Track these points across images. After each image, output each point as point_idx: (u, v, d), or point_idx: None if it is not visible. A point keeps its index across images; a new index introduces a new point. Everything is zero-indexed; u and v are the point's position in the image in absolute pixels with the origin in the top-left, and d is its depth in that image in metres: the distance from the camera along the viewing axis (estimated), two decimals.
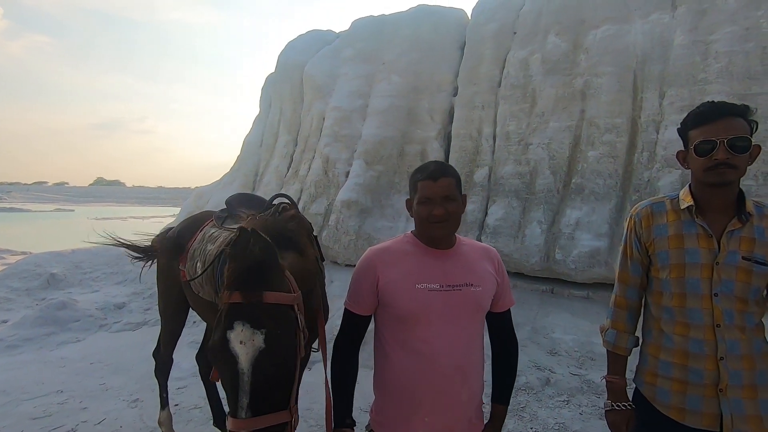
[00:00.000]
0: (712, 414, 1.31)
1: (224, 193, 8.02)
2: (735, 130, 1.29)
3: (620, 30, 5.35)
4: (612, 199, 4.99)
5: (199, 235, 2.61)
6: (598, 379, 4.03)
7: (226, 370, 1.22)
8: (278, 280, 1.32)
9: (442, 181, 1.36)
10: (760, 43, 4.51)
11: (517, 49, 6.12)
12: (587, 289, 5.04)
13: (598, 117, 5.26)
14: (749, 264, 1.31)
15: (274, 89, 8.40)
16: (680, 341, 1.37)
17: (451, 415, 1.35)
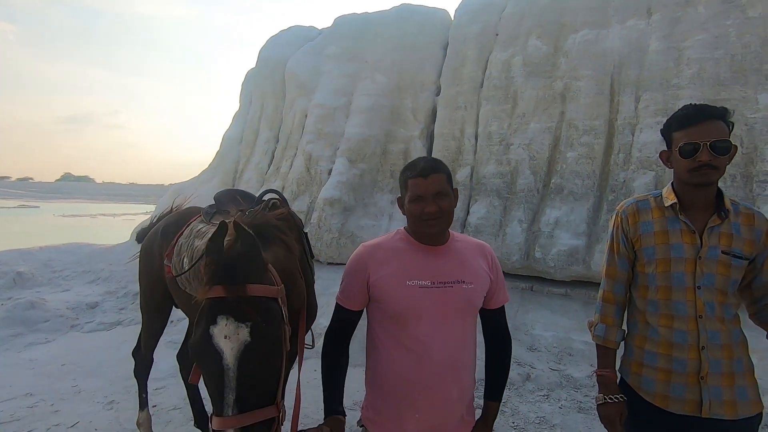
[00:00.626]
0: (694, 400, 1.38)
1: (203, 190, 7.84)
2: (717, 132, 1.36)
3: (599, 35, 5.50)
4: (590, 199, 5.13)
5: (186, 230, 2.55)
6: (576, 374, 4.14)
7: (210, 368, 1.16)
8: (260, 273, 1.28)
9: (432, 177, 1.35)
10: (728, 51, 4.73)
11: (500, 51, 6.22)
12: (566, 287, 5.17)
13: (577, 119, 5.40)
14: (728, 258, 1.39)
15: (255, 85, 8.27)
16: (665, 332, 1.43)
17: (442, 411, 1.36)
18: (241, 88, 8.58)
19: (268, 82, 7.98)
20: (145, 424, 2.95)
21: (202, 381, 1.25)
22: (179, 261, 2.44)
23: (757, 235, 1.41)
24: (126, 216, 30.81)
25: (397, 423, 1.35)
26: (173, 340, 4.64)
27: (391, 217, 6.25)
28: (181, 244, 2.50)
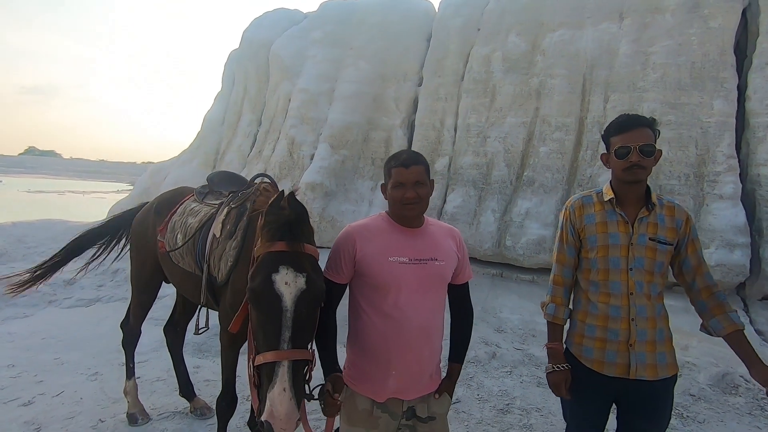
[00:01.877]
0: (624, 364, 1.65)
1: (183, 170, 7.82)
2: (645, 138, 1.62)
3: (574, 35, 5.77)
4: (559, 191, 5.46)
5: (179, 209, 2.68)
6: (537, 353, 4.49)
7: (269, 308, 1.38)
8: (311, 236, 1.55)
9: (413, 168, 1.56)
10: (689, 58, 5.07)
11: (481, 46, 6.42)
12: (533, 274, 5.51)
13: (550, 116, 5.69)
14: (654, 243, 1.66)
15: (239, 66, 8.22)
16: (603, 308, 1.69)
17: (415, 368, 1.58)
18: (224, 68, 8.51)
19: (252, 64, 7.95)
20: (132, 392, 3.10)
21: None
22: (173, 237, 2.59)
23: (677, 224, 1.69)
24: (96, 194, 29.86)
25: (377, 380, 1.57)
26: (154, 316, 4.73)
27: (371, 203, 6.44)
28: (174, 221, 2.64)
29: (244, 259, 2.11)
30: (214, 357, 4.26)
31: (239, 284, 2.11)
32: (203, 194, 2.76)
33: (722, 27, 5.03)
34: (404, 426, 1.62)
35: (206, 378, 3.78)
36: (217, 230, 2.30)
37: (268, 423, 1.30)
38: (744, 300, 4.62)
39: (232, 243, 2.18)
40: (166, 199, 2.94)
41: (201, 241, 2.41)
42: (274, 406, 1.29)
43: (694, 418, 3.43)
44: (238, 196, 2.38)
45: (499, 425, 3.21)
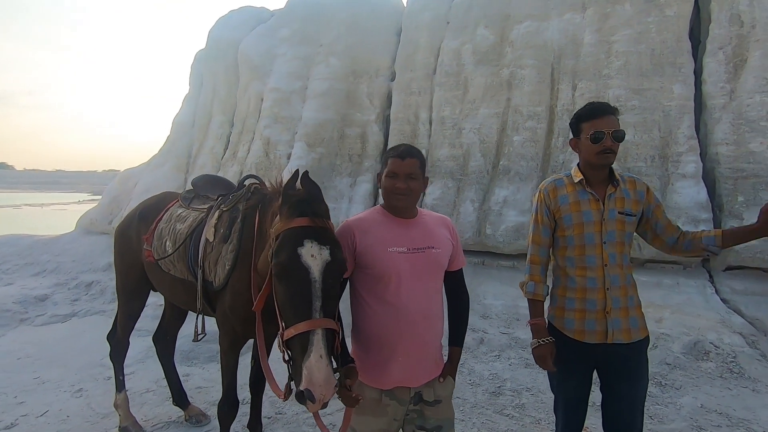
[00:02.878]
0: (602, 331, 1.81)
1: (155, 175, 7.59)
2: (615, 124, 1.79)
3: (540, 26, 5.93)
4: (534, 179, 5.63)
5: (165, 215, 2.63)
6: (523, 336, 4.65)
7: (297, 281, 1.44)
8: (328, 212, 1.62)
9: (408, 160, 1.64)
10: (649, 45, 5.32)
11: (450, 39, 6.51)
12: (513, 260, 5.67)
13: (522, 105, 5.85)
14: (623, 216, 1.82)
15: (207, 67, 8.02)
16: (581, 281, 1.83)
17: (420, 355, 1.64)
18: (191, 70, 8.27)
19: (220, 64, 7.77)
20: (123, 405, 3.03)
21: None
22: (161, 245, 2.54)
23: (640, 195, 1.87)
24: (56, 206, 28.47)
25: (384, 368, 1.62)
26: (138, 327, 4.61)
27: (350, 200, 6.45)
28: (161, 228, 2.59)
29: (242, 262, 2.11)
30: (203, 364, 4.20)
31: (239, 287, 2.10)
32: (189, 199, 2.72)
33: (677, 15, 5.29)
34: (412, 411, 1.67)
35: (198, 385, 3.73)
36: (209, 234, 2.28)
37: (308, 391, 1.32)
38: (709, 272, 4.91)
39: (228, 246, 2.17)
40: (150, 206, 2.88)
41: (193, 246, 2.38)
42: (312, 374, 1.32)
43: (671, 385, 3.65)
44: (229, 199, 2.36)
45: (493, 407, 3.33)
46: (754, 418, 3.14)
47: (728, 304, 4.54)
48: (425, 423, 1.67)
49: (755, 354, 3.95)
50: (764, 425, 3.05)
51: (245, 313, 2.09)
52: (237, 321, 2.18)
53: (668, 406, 3.33)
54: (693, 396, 3.46)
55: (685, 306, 4.48)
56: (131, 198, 7.57)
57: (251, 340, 2.29)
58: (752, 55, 4.92)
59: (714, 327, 4.22)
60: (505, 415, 3.22)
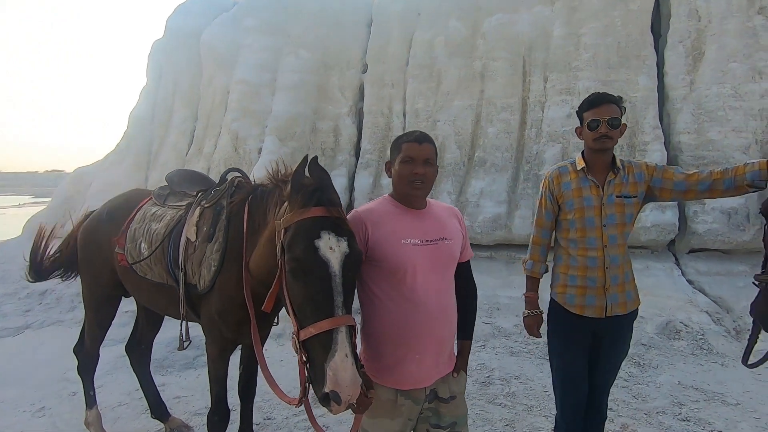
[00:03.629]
0: (601, 306, 1.93)
1: (112, 174, 7.11)
2: (612, 112, 1.88)
3: (511, 19, 6.00)
4: (509, 170, 5.70)
5: (137, 215, 2.42)
6: (505, 325, 4.70)
7: (317, 276, 1.33)
8: (340, 200, 1.50)
9: (426, 145, 1.55)
10: (615, 38, 5.50)
11: (422, 31, 6.47)
12: (490, 250, 5.74)
13: (495, 97, 5.90)
14: (621, 200, 1.93)
15: (166, 58, 7.57)
16: (582, 260, 1.95)
17: (437, 350, 1.57)
18: (148, 60, 7.77)
19: (181, 55, 7.36)
20: (95, 423, 2.79)
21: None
22: (135, 247, 2.33)
23: (638, 176, 1.95)
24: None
25: (401, 367, 1.53)
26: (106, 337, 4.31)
27: None
28: (134, 229, 2.38)
29: (229, 262, 1.95)
30: (179, 372, 3.96)
31: (228, 289, 1.96)
32: (163, 196, 2.51)
33: (640, 9, 5.49)
34: (426, 410, 1.60)
35: (176, 395, 3.51)
36: (191, 234, 2.10)
37: (334, 393, 1.23)
38: (675, 254, 5.17)
39: (214, 246, 2.00)
40: (118, 205, 2.64)
41: (172, 247, 2.18)
42: (337, 374, 1.23)
43: (649, 364, 3.80)
44: (211, 194, 2.19)
45: (485, 397, 3.33)
46: (727, 391, 3.32)
47: (693, 284, 4.80)
48: (440, 421, 1.61)
49: (721, 331, 4.18)
50: (737, 397, 3.23)
51: (235, 317, 1.97)
52: (226, 326, 2.03)
53: (649, 385, 3.45)
54: (670, 374, 3.61)
55: (655, 288, 4.68)
56: (86, 199, 7.06)
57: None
58: (709, 48, 5.19)
59: (683, 307, 4.44)
60: (498, 404, 3.23)
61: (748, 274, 4.70)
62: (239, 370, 2.42)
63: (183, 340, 2.20)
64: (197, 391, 3.56)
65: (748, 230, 4.71)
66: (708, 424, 2.90)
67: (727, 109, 4.98)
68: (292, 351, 1.80)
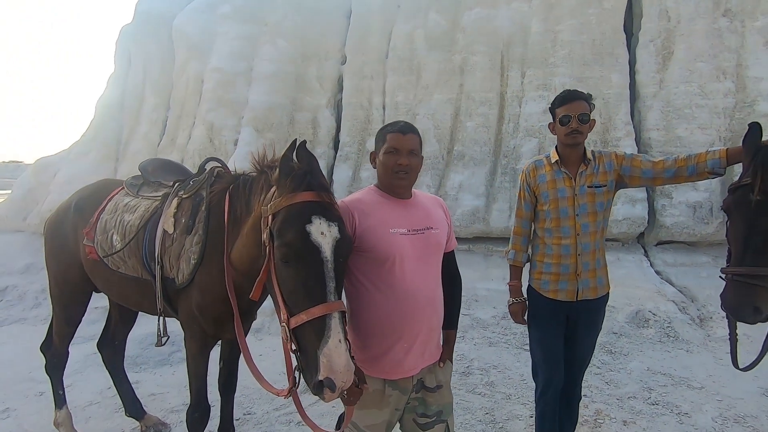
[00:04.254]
0: (573, 290, 2.08)
1: (79, 164, 6.81)
2: (582, 108, 2.00)
3: (490, 14, 6.04)
4: (487, 164, 5.77)
5: (108, 205, 2.32)
6: (483, 316, 4.79)
7: (309, 261, 1.32)
8: (328, 184, 1.50)
9: (410, 135, 1.56)
10: (590, 36, 5.62)
11: (402, 23, 6.43)
12: (469, 243, 5.81)
13: (474, 91, 5.95)
14: (592, 189, 2.06)
15: (135, 44, 7.25)
16: (556, 248, 2.09)
17: (425, 339, 1.58)
18: (116, 46, 7.43)
19: (152, 41, 7.07)
20: (65, 423, 2.69)
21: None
22: (106, 239, 2.24)
23: (608, 166, 2.07)
24: None
25: (389, 357, 1.53)
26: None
27: None
28: (106, 220, 2.28)
29: (210, 255, 1.91)
30: (154, 369, 3.86)
31: (208, 283, 1.91)
32: (137, 186, 2.42)
33: (614, 8, 5.63)
34: (413, 399, 1.62)
35: (151, 392, 3.41)
36: (168, 226, 2.03)
37: (328, 379, 1.22)
38: (644, 246, 5.37)
39: (193, 238, 1.94)
40: (88, 196, 2.52)
41: (147, 239, 2.11)
42: (332, 360, 1.23)
43: (620, 352, 3.95)
44: (189, 185, 2.12)
45: (465, 387, 3.39)
46: (692, 376, 3.49)
47: (661, 275, 5.00)
48: (427, 410, 1.62)
49: (686, 319, 4.39)
50: (701, 381, 3.40)
51: (216, 311, 1.93)
52: (207, 321, 1.98)
53: (620, 372, 3.59)
54: (639, 360, 3.77)
55: (626, 279, 4.85)
56: (50, 190, 6.73)
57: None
58: (678, 48, 5.38)
59: (651, 297, 4.63)
60: (477, 394, 3.29)
61: (712, 264, 4.94)
62: (219, 366, 2.38)
63: (161, 336, 2.13)
64: (173, 388, 3.47)
65: (712, 223, 4.94)
66: (675, 407, 3.04)
67: (694, 107, 5.19)
68: (272, 346, 1.77)
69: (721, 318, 4.34)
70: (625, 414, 2.97)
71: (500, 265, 5.32)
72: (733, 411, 2.97)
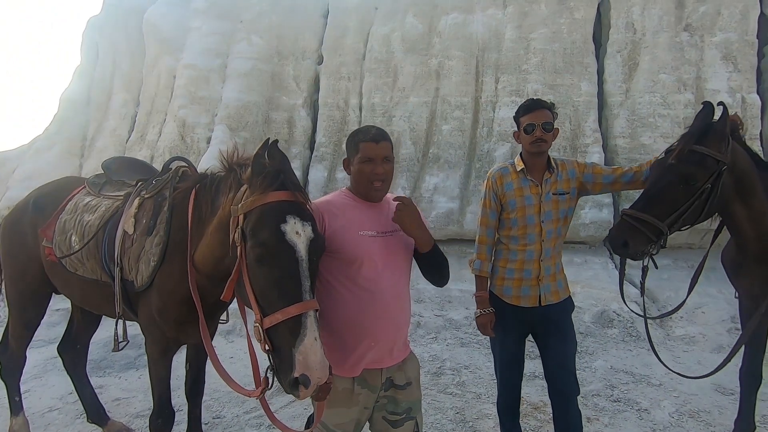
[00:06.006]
0: (535, 296, 2.10)
1: (40, 160, 6.52)
2: (546, 117, 2.05)
3: (466, 19, 6.14)
4: (461, 167, 5.86)
5: (68, 205, 2.23)
6: (456, 317, 4.86)
7: (284, 261, 1.32)
8: (300, 183, 1.51)
9: (383, 144, 1.58)
10: (562, 45, 5.80)
11: (380, 25, 6.46)
12: (443, 245, 5.80)
13: (450, 95, 6.03)
14: (556, 197, 2.10)
15: (103, 36, 7.00)
16: (521, 254, 2.11)
17: (392, 337, 1.61)
18: (83, 38, 7.15)
19: (121, 34, 6.84)
20: (22, 431, 2.57)
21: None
22: (65, 240, 2.16)
23: (571, 173, 2.14)
24: None
25: (355, 355, 1.55)
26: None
27: None
28: (65, 220, 2.20)
29: (171, 256, 1.86)
30: (119, 373, 3.74)
31: (169, 285, 1.86)
32: (99, 185, 2.32)
33: (584, 18, 5.83)
34: (382, 398, 1.64)
35: (115, 397, 3.31)
36: (128, 226, 1.96)
37: (304, 376, 1.23)
38: (610, 250, 5.57)
39: (154, 239, 1.88)
40: (48, 194, 2.42)
41: (107, 241, 2.03)
42: (308, 358, 1.23)
43: (585, 351, 4.09)
44: (152, 184, 2.05)
45: (437, 387, 3.43)
46: (652, 374, 3.65)
47: (625, 277, 5.20)
48: (396, 407, 1.65)
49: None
50: (660, 378, 3.56)
51: (178, 314, 1.89)
52: (168, 324, 1.93)
53: (585, 370, 3.72)
54: (604, 359, 3.92)
55: (592, 280, 5.03)
56: (9, 186, 6.42)
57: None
58: (643, 59, 5.62)
59: (615, 298, 4.80)
60: (449, 394, 3.34)
61: (672, 267, 5.18)
62: (185, 369, 2.32)
63: (119, 341, 2.06)
64: (139, 392, 3.37)
65: None
66: (636, 403, 3.18)
67: (657, 116, 5.43)
68: (243, 348, 1.76)
69: (679, 318, 4.56)
70: (589, 411, 3.08)
71: None
72: (688, 406, 3.13)
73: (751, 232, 2.04)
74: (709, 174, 1.87)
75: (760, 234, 2.03)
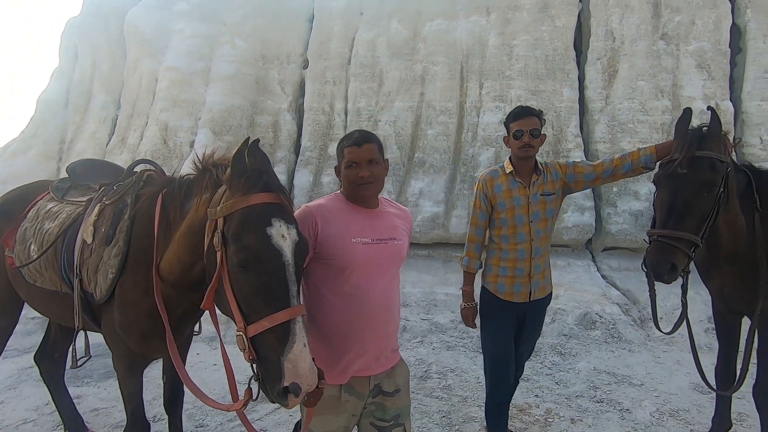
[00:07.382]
0: (526, 292, 2.26)
1: (14, 164, 6.33)
2: (534, 124, 2.19)
3: (450, 25, 6.21)
4: (446, 171, 5.91)
5: (31, 212, 2.14)
6: (442, 320, 4.88)
7: (270, 266, 1.27)
8: (282, 185, 1.45)
9: (366, 146, 1.57)
10: (543, 51, 5.91)
11: (365, 30, 6.49)
12: (429, 249, 5.91)
13: (435, 100, 6.08)
14: (543, 197, 2.24)
15: (83, 37, 6.85)
16: (512, 253, 2.25)
17: (380, 345, 1.60)
18: (61, 39, 6.99)
19: (101, 35, 6.71)
20: None
21: None
22: (24, 249, 2.07)
23: (555, 175, 2.29)
24: None
25: (342, 363, 1.54)
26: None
27: None
28: (26, 228, 2.11)
29: (133, 268, 1.75)
30: (97, 382, 3.64)
31: (132, 297, 1.76)
32: (63, 190, 2.21)
33: (565, 26, 5.96)
34: (370, 404, 1.63)
35: (94, 407, 3.22)
36: (87, 235, 1.84)
37: (294, 384, 1.19)
38: (591, 252, 5.68)
39: (112, 250, 1.77)
40: (13, 199, 2.33)
41: (66, 249, 1.93)
42: (297, 365, 1.20)
43: (569, 353, 4.15)
44: (113, 190, 1.94)
45: (423, 391, 3.43)
46: (633, 374, 3.72)
47: (607, 279, 5.31)
48: (385, 414, 1.64)
49: (629, 320, 4.68)
50: (641, 378, 3.63)
51: (142, 328, 1.78)
52: (133, 339, 1.82)
53: (569, 372, 3.77)
54: (587, 361, 3.97)
55: (575, 283, 5.11)
56: None
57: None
58: (622, 66, 5.77)
59: (598, 300, 4.90)
60: (435, 397, 3.34)
61: None
62: (163, 381, 2.25)
63: (77, 357, 1.95)
64: (119, 402, 3.22)
65: None
66: (618, 403, 3.23)
67: (636, 122, 5.57)
68: (228, 355, 1.72)
69: (659, 320, 4.67)
70: (573, 412, 3.12)
71: (459, 270, 5.36)
72: (668, 406, 3.19)
73: (725, 232, 2.09)
74: (721, 176, 1.90)
75: (733, 234, 2.09)
